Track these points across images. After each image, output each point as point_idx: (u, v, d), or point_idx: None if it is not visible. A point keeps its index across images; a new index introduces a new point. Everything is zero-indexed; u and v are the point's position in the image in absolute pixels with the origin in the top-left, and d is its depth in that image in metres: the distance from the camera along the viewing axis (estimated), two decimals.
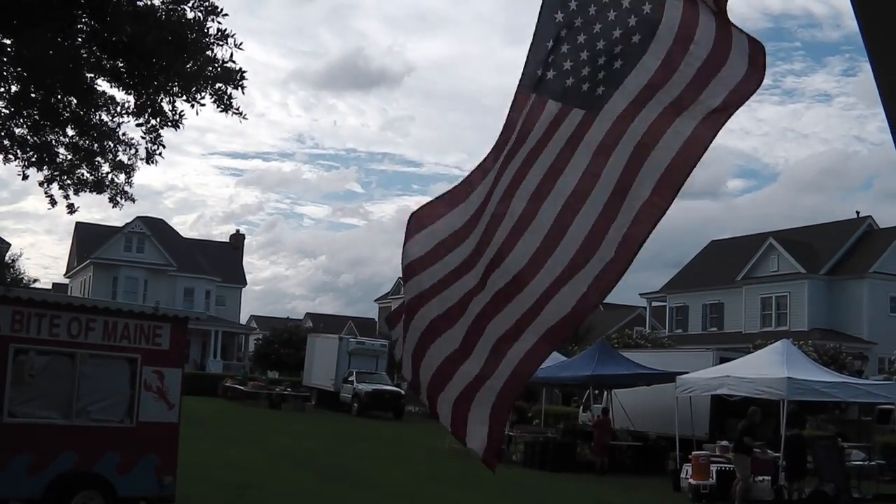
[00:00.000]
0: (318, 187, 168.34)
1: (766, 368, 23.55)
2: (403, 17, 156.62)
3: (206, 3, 12.68)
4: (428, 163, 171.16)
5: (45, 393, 12.02)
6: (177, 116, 13.96)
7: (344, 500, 18.44)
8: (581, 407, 37.68)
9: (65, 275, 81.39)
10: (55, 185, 15.86)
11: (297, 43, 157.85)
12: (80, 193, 15.95)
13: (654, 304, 67.88)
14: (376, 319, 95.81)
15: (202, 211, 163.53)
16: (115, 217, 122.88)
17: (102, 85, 14.48)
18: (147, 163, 14.75)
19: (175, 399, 13.18)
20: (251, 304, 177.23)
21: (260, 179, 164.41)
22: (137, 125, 14.29)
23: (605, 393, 33.00)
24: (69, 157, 15.75)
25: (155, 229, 72.39)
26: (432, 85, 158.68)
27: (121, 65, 13.57)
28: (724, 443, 24.25)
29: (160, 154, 14.69)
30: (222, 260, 79.13)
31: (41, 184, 15.88)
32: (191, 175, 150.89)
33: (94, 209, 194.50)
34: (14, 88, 14.70)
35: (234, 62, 13.12)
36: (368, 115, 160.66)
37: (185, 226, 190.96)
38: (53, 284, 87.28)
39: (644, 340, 51.53)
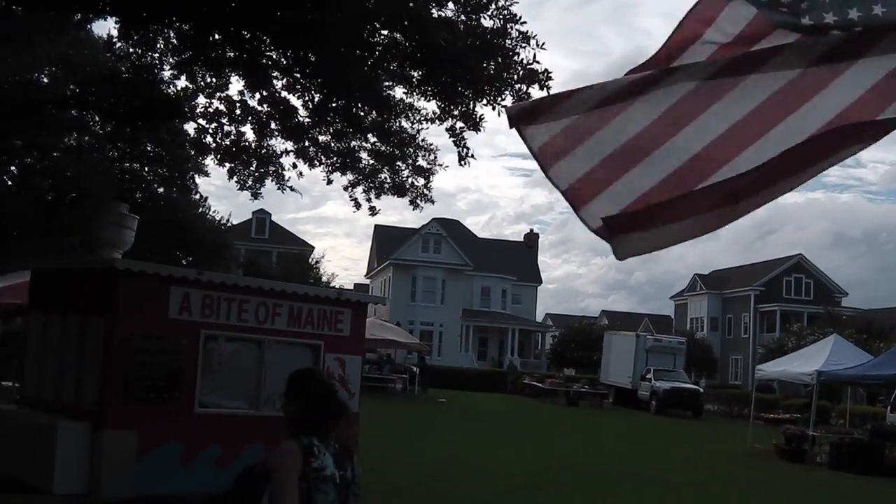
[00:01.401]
0: None
1: None
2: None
3: (506, 12, 12.78)
4: None
5: (233, 382, 11.57)
6: (477, 119, 14.12)
7: (629, 498, 18.05)
8: (889, 407, 36.10)
9: (365, 275, 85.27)
10: (359, 189, 16.99)
11: (579, 43, 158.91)
12: (381, 196, 16.96)
13: None
14: (672, 317, 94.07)
15: (494, 212, 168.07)
16: (412, 219, 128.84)
17: (400, 93, 15.16)
18: (459, 164, 14.78)
19: (356, 387, 12.68)
20: (546, 302, 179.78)
21: (546, 180, 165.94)
22: (447, 130, 14.47)
23: None
24: (371, 162, 16.84)
25: (451, 230, 74.00)
26: None
27: (415, 74, 14.07)
28: None
29: (472, 156, 14.63)
30: (517, 259, 79.94)
31: (345, 188, 17.08)
32: (482, 177, 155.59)
33: (390, 212, 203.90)
34: (317, 98, 15.75)
35: (538, 62, 13.10)
36: None
37: (478, 226, 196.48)
38: (355, 285, 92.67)
39: None
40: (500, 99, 13.52)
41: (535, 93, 13.24)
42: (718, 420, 43.11)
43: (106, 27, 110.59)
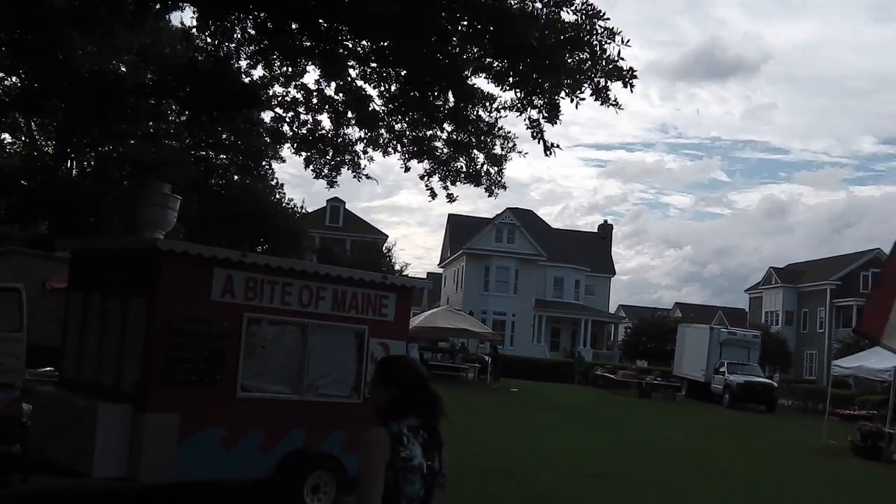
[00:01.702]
0: (682, 177, 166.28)
1: None
2: (762, 1, 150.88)
3: (588, 8, 12.73)
4: (794, 150, 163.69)
5: (275, 366, 11.22)
6: (554, 111, 14.02)
7: (707, 493, 17.78)
8: None
9: (438, 264, 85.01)
10: (435, 178, 16.93)
11: (654, 33, 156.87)
12: (457, 184, 16.89)
13: None
14: (746, 310, 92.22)
15: (567, 202, 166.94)
16: (485, 209, 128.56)
17: (479, 83, 14.99)
18: (545, 155, 14.65)
19: None
20: (619, 293, 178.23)
21: (622, 170, 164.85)
22: (525, 121, 14.34)
23: None
24: (447, 150, 16.74)
25: (525, 220, 73.54)
26: (793, 70, 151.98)
27: (496, 64, 13.89)
28: None
29: (557, 146, 14.45)
30: (590, 250, 79.25)
31: (422, 177, 17.00)
32: (556, 167, 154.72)
33: (464, 201, 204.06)
34: (393, 88, 15.77)
35: (622, 59, 13.04)
36: (731, 104, 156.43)
37: (551, 217, 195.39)
38: (428, 273, 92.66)
39: None
40: (578, 92, 13.42)
41: (615, 87, 13.32)
42: (792, 415, 42.24)
43: (183, 18, 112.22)
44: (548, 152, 14.50)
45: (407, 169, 17.13)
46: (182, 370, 10.30)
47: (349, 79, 16.27)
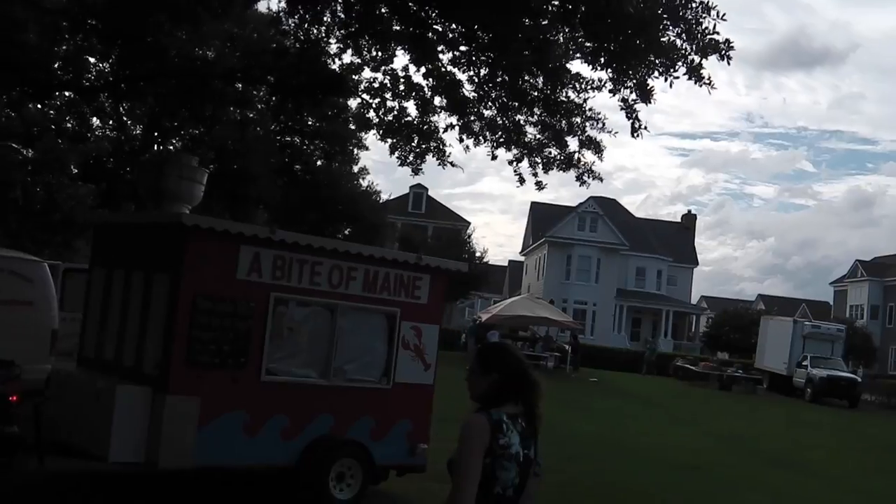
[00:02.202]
0: (767, 167, 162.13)
1: None
2: None
3: None
4: (883, 140, 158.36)
5: (303, 349, 10.62)
6: (645, 91, 13.63)
7: (788, 488, 17.26)
8: None
9: (520, 252, 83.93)
10: (524, 164, 16.43)
11: (741, 21, 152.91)
12: (548, 171, 16.39)
13: None
14: (831, 303, 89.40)
15: (650, 191, 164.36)
16: (567, 197, 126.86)
17: (569, 63, 14.57)
18: (632, 135, 14.23)
19: (432, 358, 11.54)
20: (701, 284, 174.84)
21: (705, 160, 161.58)
22: (619, 101, 14.03)
23: None
24: (537, 136, 16.24)
25: (607, 209, 71.95)
26: (883, 59, 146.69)
27: (588, 44, 13.53)
28: None
29: (645, 128, 14.15)
30: (673, 240, 77.37)
31: (510, 163, 16.57)
32: (639, 156, 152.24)
33: (546, 189, 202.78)
34: (483, 72, 15.34)
35: (717, 33, 12.57)
36: (819, 93, 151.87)
37: (633, 206, 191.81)
38: (509, 261, 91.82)
39: None
40: (672, 70, 13.04)
41: (710, 64, 13.34)
42: (876, 411, 40.76)
43: (269, 4, 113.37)
44: (635, 134, 14.06)
45: (494, 157, 16.74)
46: (205, 351, 9.69)
47: (438, 63, 15.89)
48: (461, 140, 16.78)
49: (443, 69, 15.96)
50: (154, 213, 11.81)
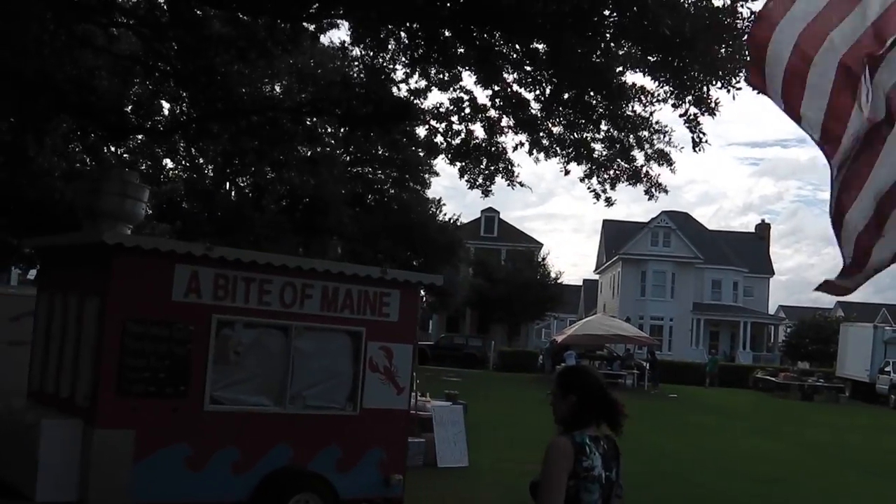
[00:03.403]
0: None
1: None
2: None
3: None
4: None
5: (253, 375, 9.43)
6: (713, 104, 13.30)
7: (884, 496, 16.50)
8: None
9: (594, 271, 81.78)
10: (594, 180, 16.11)
11: None
12: (616, 186, 16.11)
13: None
14: None
15: (721, 203, 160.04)
16: (639, 213, 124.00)
17: (632, 78, 14.37)
18: (694, 150, 14.10)
19: (405, 381, 10.35)
20: (778, 293, 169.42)
21: (776, 168, 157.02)
22: (681, 116, 13.79)
23: None
24: (605, 152, 15.92)
25: (680, 222, 69.68)
26: None
27: (652, 58, 13.09)
28: None
29: (706, 141, 13.98)
30: (747, 250, 74.53)
31: (581, 179, 16.23)
32: (710, 167, 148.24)
33: (618, 206, 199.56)
34: (548, 90, 14.88)
35: None
36: None
37: (705, 218, 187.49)
38: (584, 281, 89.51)
39: None
40: (734, 81, 12.68)
41: None
42: None
43: (332, 37, 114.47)
44: (696, 148, 13.91)
45: (567, 172, 16.37)
46: (139, 379, 8.46)
47: (504, 84, 15.57)
48: (531, 153, 16.35)
49: (508, 90, 15.60)
50: (79, 233, 10.74)
